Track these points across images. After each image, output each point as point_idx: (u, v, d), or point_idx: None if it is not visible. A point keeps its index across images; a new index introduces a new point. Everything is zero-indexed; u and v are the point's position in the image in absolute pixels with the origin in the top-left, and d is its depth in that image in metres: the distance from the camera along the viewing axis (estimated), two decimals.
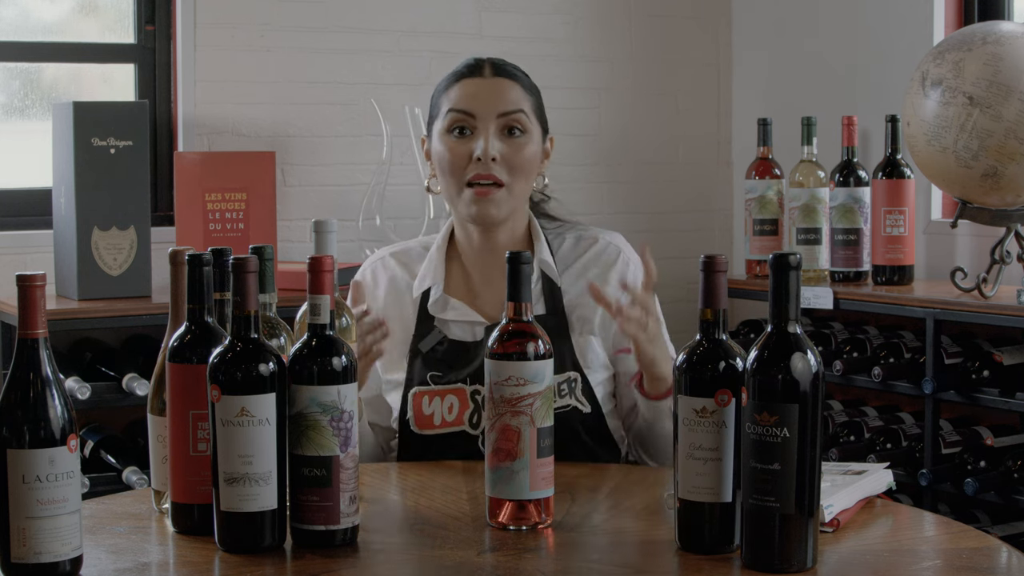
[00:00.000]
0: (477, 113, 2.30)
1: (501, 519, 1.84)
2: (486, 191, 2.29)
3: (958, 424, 3.49)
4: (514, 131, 2.31)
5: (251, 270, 1.74)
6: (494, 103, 2.31)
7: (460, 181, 2.30)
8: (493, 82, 2.33)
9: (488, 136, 2.29)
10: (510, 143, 2.31)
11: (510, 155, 2.30)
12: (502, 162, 2.29)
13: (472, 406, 2.27)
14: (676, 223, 4.47)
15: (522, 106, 2.32)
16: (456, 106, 2.31)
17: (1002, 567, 1.74)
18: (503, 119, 2.30)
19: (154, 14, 3.80)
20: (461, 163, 2.30)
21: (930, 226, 3.83)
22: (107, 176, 3.37)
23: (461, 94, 2.32)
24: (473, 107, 2.30)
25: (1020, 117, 3.14)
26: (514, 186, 2.31)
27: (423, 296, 2.37)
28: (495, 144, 2.29)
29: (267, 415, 1.72)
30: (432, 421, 2.28)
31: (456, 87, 2.33)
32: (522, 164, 2.31)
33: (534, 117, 2.35)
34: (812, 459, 1.64)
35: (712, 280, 1.73)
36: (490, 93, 2.32)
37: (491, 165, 2.28)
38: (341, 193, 3.96)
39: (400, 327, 2.35)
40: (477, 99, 2.31)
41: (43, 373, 1.63)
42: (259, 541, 1.74)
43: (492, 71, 2.34)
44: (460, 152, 2.30)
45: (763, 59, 4.40)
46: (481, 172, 2.28)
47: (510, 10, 4.19)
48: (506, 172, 2.29)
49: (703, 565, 1.70)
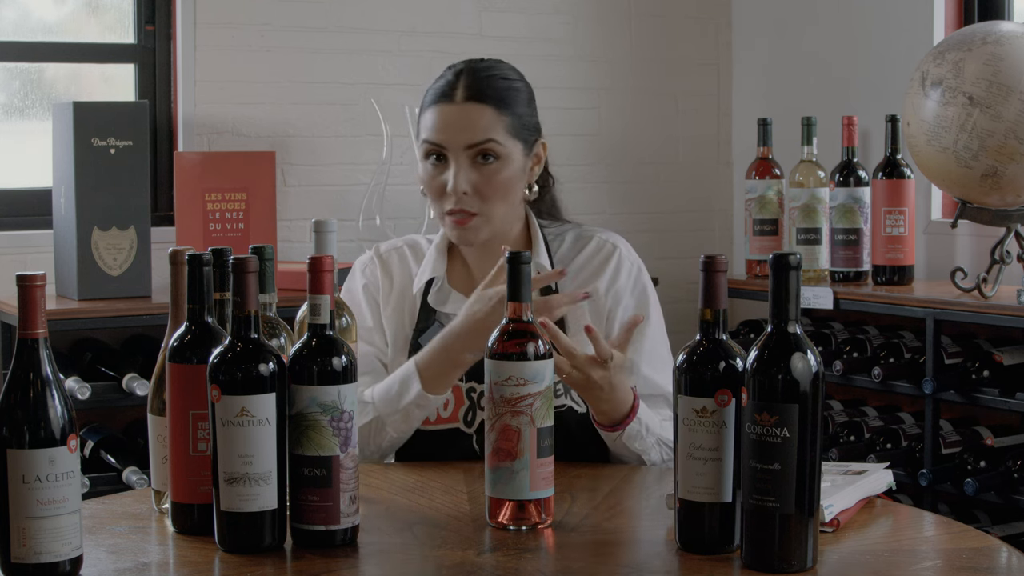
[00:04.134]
0: (447, 145, 2.28)
1: (501, 519, 1.84)
2: (463, 220, 2.28)
3: (958, 424, 3.49)
4: (487, 157, 2.28)
5: (251, 270, 1.74)
6: (462, 134, 2.27)
7: (440, 208, 2.31)
8: (461, 110, 2.28)
9: (457, 168, 2.27)
10: (482, 170, 2.27)
11: (482, 184, 2.27)
12: (474, 193, 2.27)
13: (468, 403, 2.28)
14: (676, 223, 4.47)
15: (491, 134, 2.27)
16: (427, 137, 2.30)
17: (1002, 567, 1.74)
18: (472, 150, 2.27)
19: (154, 14, 3.80)
20: (437, 191, 2.30)
21: (930, 226, 3.83)
22: (107, 176, 3.37)
23: (432, 123, 2.29)
24: (442, 139, 2.28)
25: (1020, 117, 3.14)
26: (490, 211, 2.29)
27: (424, 289, 2.37)
28: (466, 176, 2.26)
29: (267, 415, 1.72)
30: (427, 417, 2.28)
31: (429, 112, 2.31)
32: (496, 190, 2.28)
33: (510, 136, 2.29)
34: (812, 459, 1.64)
35: (712, 280, 1.73)
36: (458, 123, 2.28)
37: (462, 199, 2.27)
38: (341, 193, 3.96)
39: (406, 317, 2.36)
40: (446, 130, 2.28)
41: (43, 373, 1.63)
42: (259, 541, 1.74)
43: (464, 94, 2.28)
44: (436, 182, 2.29)
45: (763, 59, 4.40)
46: (453, 207, 2.28)
47: (510, 10, 4.19)
48: (479, 202, 2.27)
49: (703, 565, 1.70)
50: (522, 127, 2.32)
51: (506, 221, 2.33)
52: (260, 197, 3.65)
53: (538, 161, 2.37)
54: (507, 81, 2.33)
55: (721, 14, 4.49)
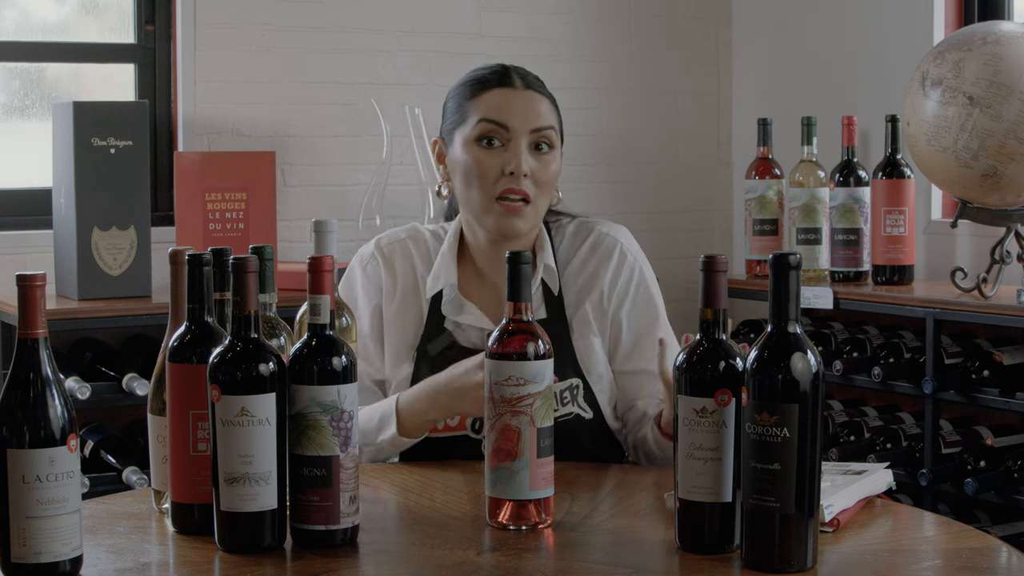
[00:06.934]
0: (511, 126, 2.26)
1: (501, 519, 1.84)
2: (516, 208, 2.25)
3: (958, 424, 3.49)
4: (542, 147, 2.28)
5: (251, 270, 1.74)
6: (529, 117, 2.27)
7: (489, 194, 2.26)
8: (526, 95, 2.29)
9: (521, 151, 2.26)
10: (539, 159, 2.27)
11: (539, 171, 2.27)
12: (532, 178, 2.26)
13: None
14: (676, 223, 4.47)
15: (552, 122, 2.30)
16: (489, 116, 2.26)
17: (1002, 567, 1.74)
18: (535, 134, 2.27)
19: (154, 14, 3.80)
20: (492, 175, 2.26)
21: (930, 226, 3.83)
22: (107, 176, 3.37)
23: (493, 104, 2.27)
24: (507, 119, 2.26)
25: (1020, 117, 3.14)
26: (539, 202, 2.28)
27: (435, 295, 2.33)
28: (528, 159, 2.26)
29: (267, 415, 1.72)
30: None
31: (487, 96, 2.28)
32: (549, 180, 2.28)
33: (558, 134, 2.32)
34: (812, 459, 1.64)
35: (712, 280, 1.73)
36: (524, 106, 2.27)
37: (523, 181, 2.25)
38: (341, 193, 3.96)
39: (412, 321, 2.33)
40: (511, 111, 2.26)
41: (43, 373, 1.63)
42: (259, 541, 1.74)
43: (523, 83, 2.30)
44: (490, 164, 2.26)
45: (763, 59, 4.40)
46: (513, 187, 2.25)
47: (510, 10, 4.19)
48: (534, 188, 2.26)
49: (703, 565, 1.70)
50: (562, 129, 2.35)
51: (542, 217, 2.34)
52: (260, 197, 3.65)
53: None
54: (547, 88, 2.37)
55: (721, 14, 4.49)
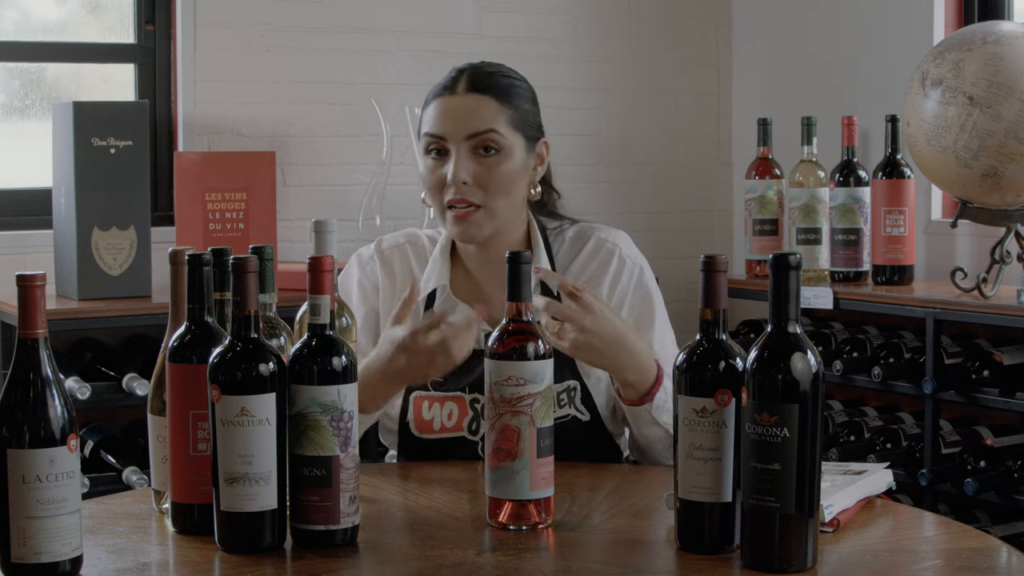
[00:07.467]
0: (447, 135, 2.25)
1: (501, 519, 1.84)
2: (464, 214, 2.25)
3: (958, 424, 3.49)
4: (489, 150, 2.26)
5: (251, 270, 1.74)
6: (463, 124, 2.25)
7: (440, 203, 2.27)
8: (463, 100, 2.26)
9: (458, 159, 2.24)
10: (483, 163, 2.25)
11: (483, 175, 2.25)
12: (475, 184, 2.24)
13: (471, 413, 2.27)
14: (676, 223, 4.47)
15: (492, 124, 2.25)
16: (428, 129, 2.28)
17: (1002, 567, 1.74)
18: (474, 140, 2.25)
19: (154, 14, 3.80)
20: (438, 185, 2.27)
21: (930, 226, 3.84)
22: (107, 176, 3.37)
23: (433, 115, 2.28)
24: (442, 130, 2.26)
25: (1020, 117, 3.14)
26: (493, 205, 2.26)
27: (428, 297, 2.35)
28: (466, 167, 2.24)
29: (267, 415, 1.72)
30: (432, 426, 2.27)
31: (431, 106, 2.29)
32: (498, 183, 2.25)
33: (512, 130, 2.27)
34: (812, 459, 1.64)
35: (712, 280, 1.73)
36: (460, 113, 2.26)
37: (463, 189, 2.24)
38: (341, 193, 3.96)
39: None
40: (446, 121, 2.26)
41: (43, 373, 1.63)
42: (259, 541, 1.74)
43: (466, 86, 2.27)
44: (437, 175, 2.27)
45: (763, 59, 4.40)
46: (454, 197, 2.25)
47: (510, 10, 4.19)
48: (481, 193, 2.25)
49: (703, 565, 1.70)
50: (524, 122, 2.30)
51: (508, 219, 2.30)
52: (260, 197, 3.65)
53: (541, 161, 2.35)
54: (509, 78, 2.32)
55: (721, 14, 4.49)
